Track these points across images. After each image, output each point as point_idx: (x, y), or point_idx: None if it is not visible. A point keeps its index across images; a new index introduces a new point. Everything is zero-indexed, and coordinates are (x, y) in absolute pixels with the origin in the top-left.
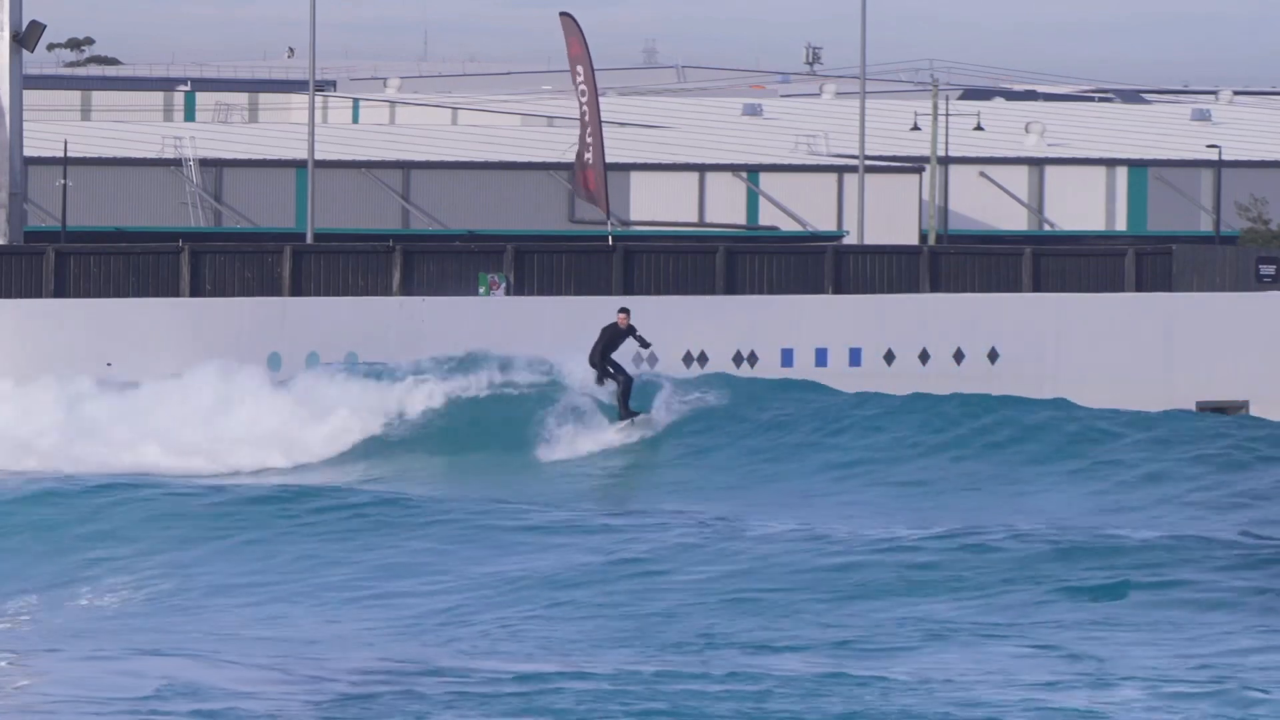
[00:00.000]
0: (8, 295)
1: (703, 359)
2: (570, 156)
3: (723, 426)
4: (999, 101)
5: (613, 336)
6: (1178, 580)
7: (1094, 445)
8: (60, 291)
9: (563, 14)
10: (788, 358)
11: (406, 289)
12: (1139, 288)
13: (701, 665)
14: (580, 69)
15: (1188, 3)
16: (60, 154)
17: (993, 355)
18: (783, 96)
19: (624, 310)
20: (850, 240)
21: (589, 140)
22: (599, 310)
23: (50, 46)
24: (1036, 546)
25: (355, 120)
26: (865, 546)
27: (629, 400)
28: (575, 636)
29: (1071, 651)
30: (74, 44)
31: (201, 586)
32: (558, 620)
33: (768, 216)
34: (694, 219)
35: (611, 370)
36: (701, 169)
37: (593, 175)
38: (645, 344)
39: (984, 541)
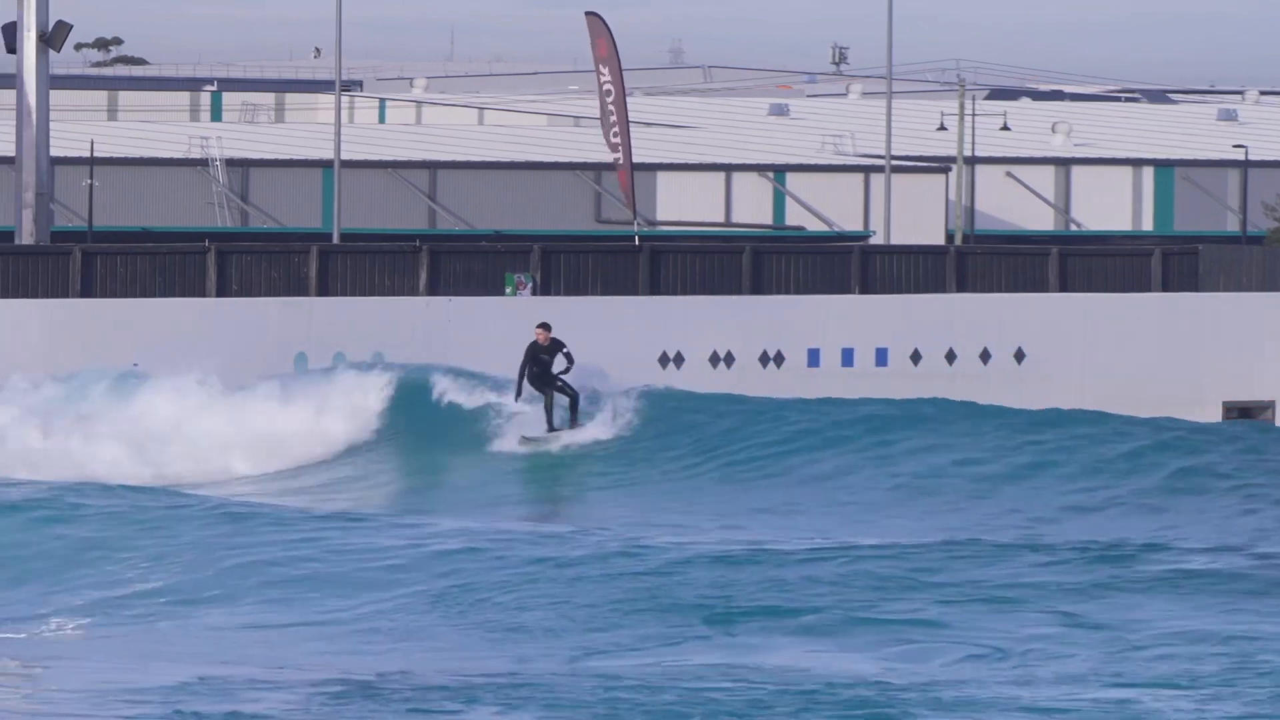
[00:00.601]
0: (35, 295)
1: (729, 359)
2: (597, 156)
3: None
4: (1025, 101)
5: (535, 354)
6: None
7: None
8: (87, 292)
9: (589, 14)
10: (814, 358)
11: (433, 289)
12: (1165, 288)
13: None
14: (607, 69)
15: (1214, 3)
16: (87, 154)
17: (1019, 355)
18: (809, 96)
19: (543, 325)
20: (876, 240)
21: (616, 140)
22: (625, 311)
23: (77, 46)
24: None
25: (382, 120)
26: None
27: (554, 414)
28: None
29: None
30: (101, 44)
31: None
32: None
33: (794, 216)
34: (720, 219)
35: (559, 385)
36: (728, 169)
37: (624, 175)
38: (568, 362)
39: None
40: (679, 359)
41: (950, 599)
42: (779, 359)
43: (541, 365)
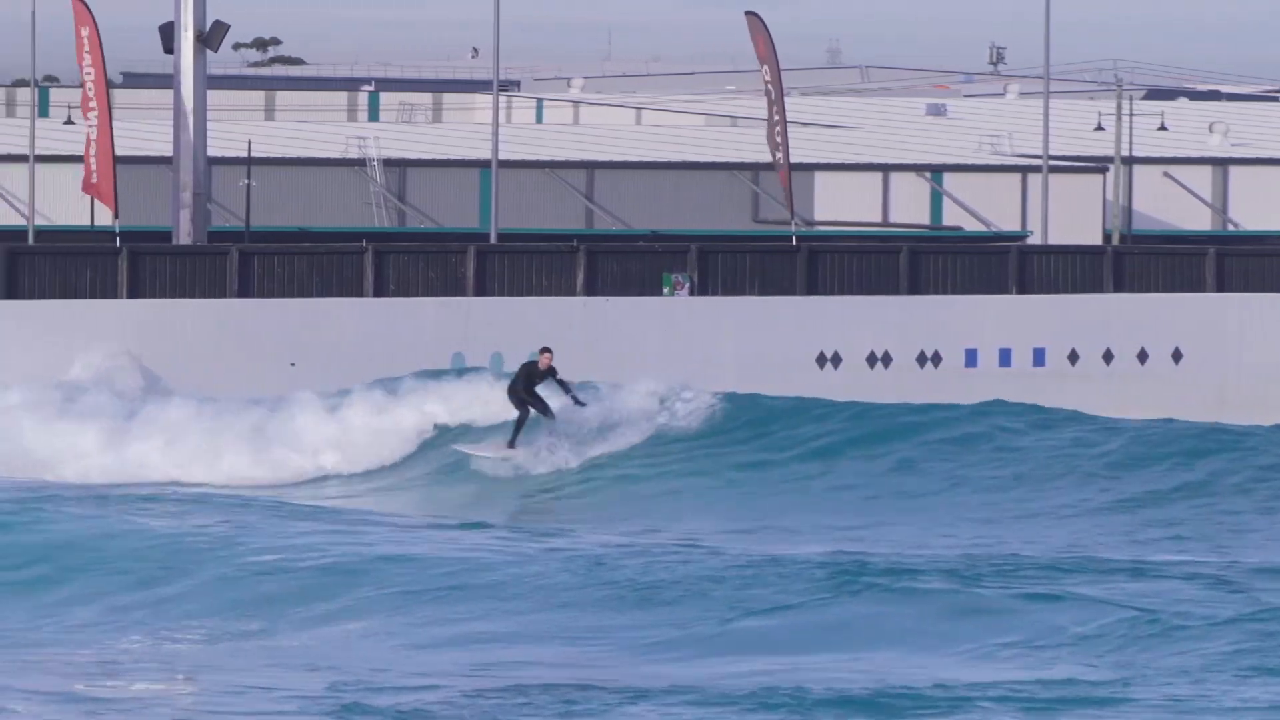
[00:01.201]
0: (193, 295)
1: (886, 359)
2: (754, 156)
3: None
4: (1182, 101)
5: (530, 374)
6: None
7: None
8: (244, 292)
9: (748, 13)
10: (971, 358)
11: (590, 289)
12: None
13: None
14: (766, 69)
15: None
16: (244, 154)
17: (1176, 355)
18: (966, 96)
19: (547, 350)
20: (1034, 240)
21: (777, 140)
22: (782, 311)
23: (235, 47)
24: None
25: (539, 120)
26: None
27: (520, 433)
28: None
29: None
30: (259, 44)
31: None
32: None
33: (951, 216)
34: (878, 219)
35: (535, 404)
36: (885, 169)
37: (783, 175)
38: (568, 389)
39: None
40: (836, 359)
41: None
42: (936, 359)
43: (531, 386)
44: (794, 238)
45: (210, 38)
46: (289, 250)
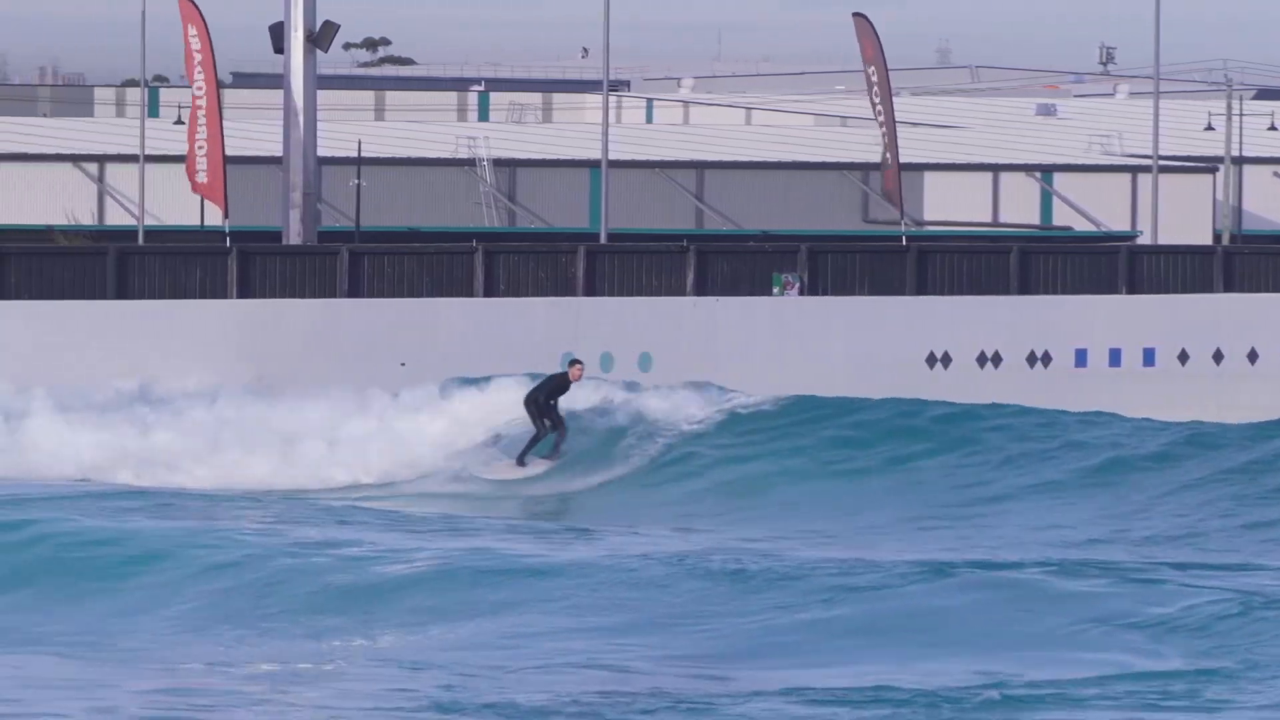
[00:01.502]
0: (302, 295)
1: (996, 359)
2: (864, 156)
3: None
4: None
5: (558, 387)
6: None
7: None
8: (354, 291)
9: (856, 15)
10: (1081, 358)
11: (700, 289)
12: None
13: None
14: (874, 69)
15: None
16: (354, 154)
17: None
18: (1076, 96)
19: (579, 363)
20: (1143, 240)
21: (886, 140)
22: (892, 311)
23: (345, 47)
24: None
25: (649, 120)
26: None
27: (533, 449)
28: None
29: None
30: (369, 44)
31: None
32: None
33: (1061, 216)
34: (987, 219)
35: (552, 417)
36: (995, 169)
37: (890, 175)
38: (561, 419)
39: None
40: (946, 359)
41: None
42: (1046, 359)
43: (554, 398)
44: (904, 238)
45: (320, 38)
46: (399, 250)
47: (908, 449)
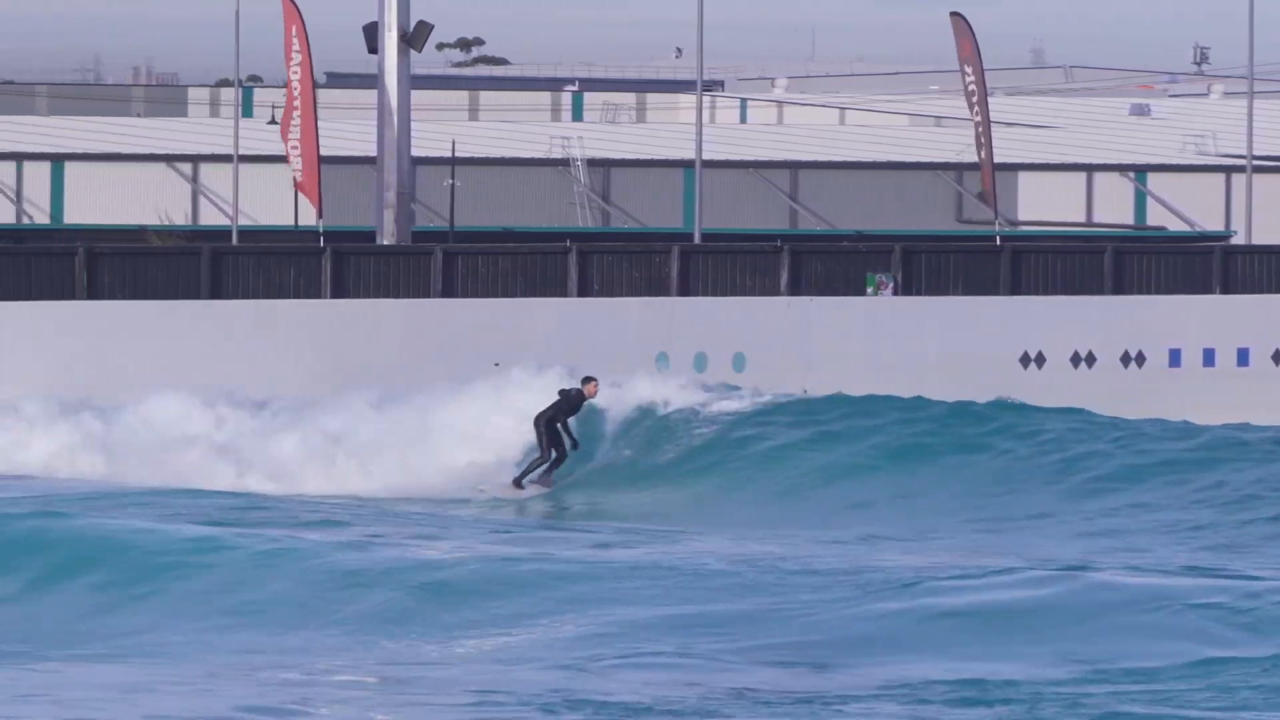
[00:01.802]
0: (396, 295)
1: (1090, 359)
2: (958, 156)
3: None
4: None
5: (572, 407)
6: None
7: None
8: (448, 291)
9: (953, 14)
10: (1175, 358)
11: (794, 289)
12: None
13: None
14: (970, 69)
15: None
16: (448, 154)
17: None
18: (1170, 96)
19: (594, 380)
20: (1238, 240)
21: (981, 140)
22: (986, 311)
23: (439, 47)
24: None
25: (743, 120)
26: None
27: (534, 472)
28: None
29: None
30: (463, 44)
31: None
32: None
33: (1155, 216)
34: (1081, 219)
35: (556, 440)
36: (1089, 169)
37: (985, 175)
38: (571, 432)
39: None
40: (1040, 359)
41: None
42: (1140, 359)
43: (567, 418)
44: (998, 238)
45: (414, 38)
46: (493, 250)
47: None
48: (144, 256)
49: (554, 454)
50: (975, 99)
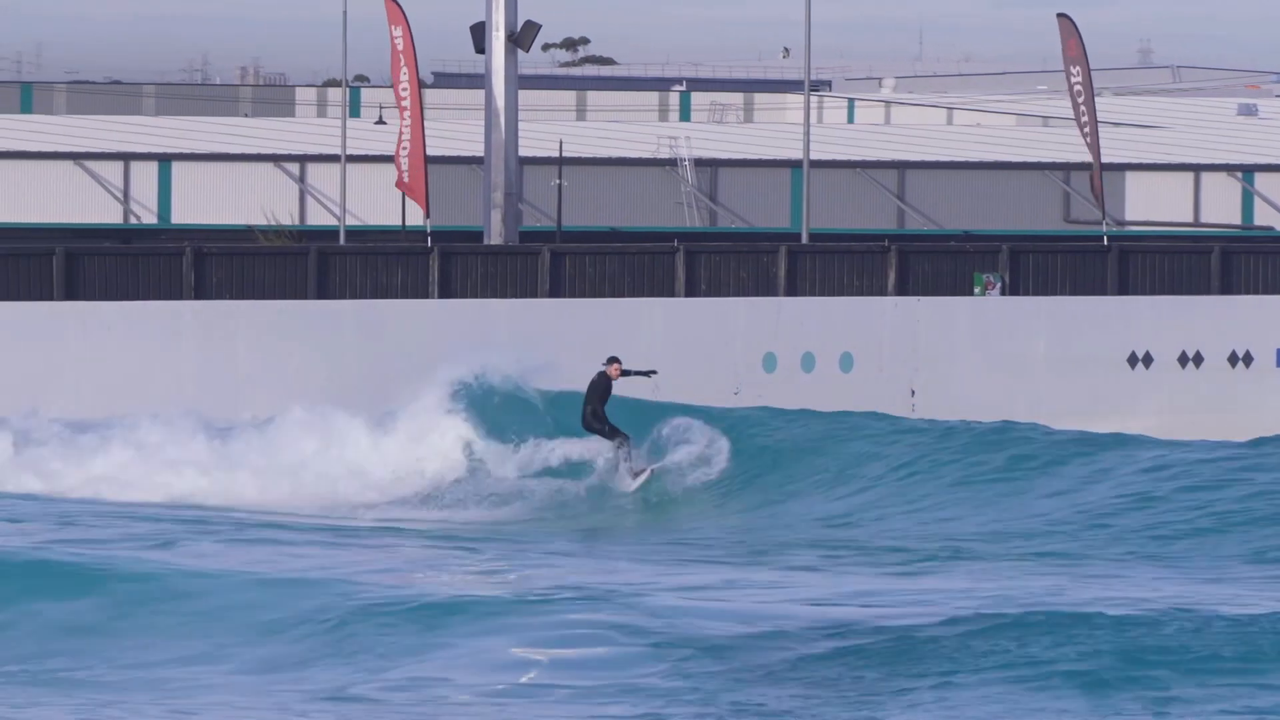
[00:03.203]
0: (503, 295)
1: (1198, 359)
2: (1065, 156)
3: None
4: None
5: (604, 390)
6: None
7: None
8: (555, 291)
9: (1060, 15)
10: None
11: (901, 289)
12: None
13: None
14: (1077, 69)
15: None
16: (555, 154)
17: None
18: (1278, 96)
19: (616, 360)
20: None
21: (1088, 140)
22: (1093, 311)
23: (545, 47)
24: None
25: (850, 120)
26: None
27: (625, 463)
28: None
29: None
30: (569, 44)
31: None
32: None
33: (1263, 216)
34: (1189, 219)
35: (608, 424)
36: (1196, 169)
37: (1093, 175)
38: (647, 373)
39: None
40: (1147, 359)
41: None
42: (1247, 359)
43: (602, 405)
44: (1105, 237)
45: (521, 38)
46: (600, 250)
47: None
48: (251, 256)
49: (619, 436)
50: (1082, 99)
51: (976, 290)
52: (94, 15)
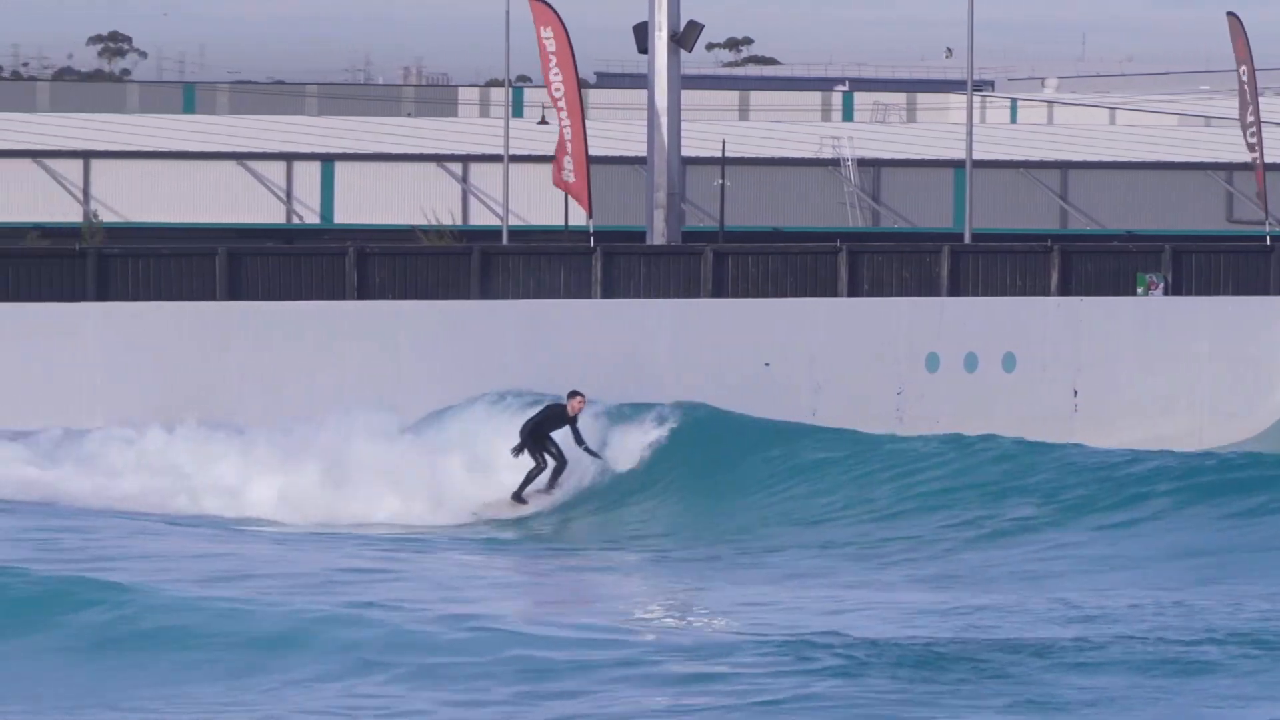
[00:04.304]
0: (666, 295)
1: None
2: (1228, 156)
3: None
4: None
5: (555, 419)
6: None
7: None
8: (718, 291)
9: (1230, 14)
10: None
11: (1064, 289)
12: None
13: None
14: (1245, 69)
15: None
16: (718, 154)
17: None
18: None
19: (580, 395)
20: None
21: (1253, 140)
22: (1256, 311)
23: (709, 47)
24: None
25: (1013, 120)
26: None
27: (532, 484)
28: None
29: None
30: (732, 44)
31: None
32: None
33: None
34: None
35: (550, 450)
36: None
37: (1259, 175)
38: (583, 440)
39: None
40: None
41: None
42: None
43: (551, 431)
44: (1268, 238)
45: (684, 38)
46: (763, 250)
47: None
48: (413, 256)
49: (550, 462)
50: (1247, 99)
51: (1139, 290)
52: (256, 16)
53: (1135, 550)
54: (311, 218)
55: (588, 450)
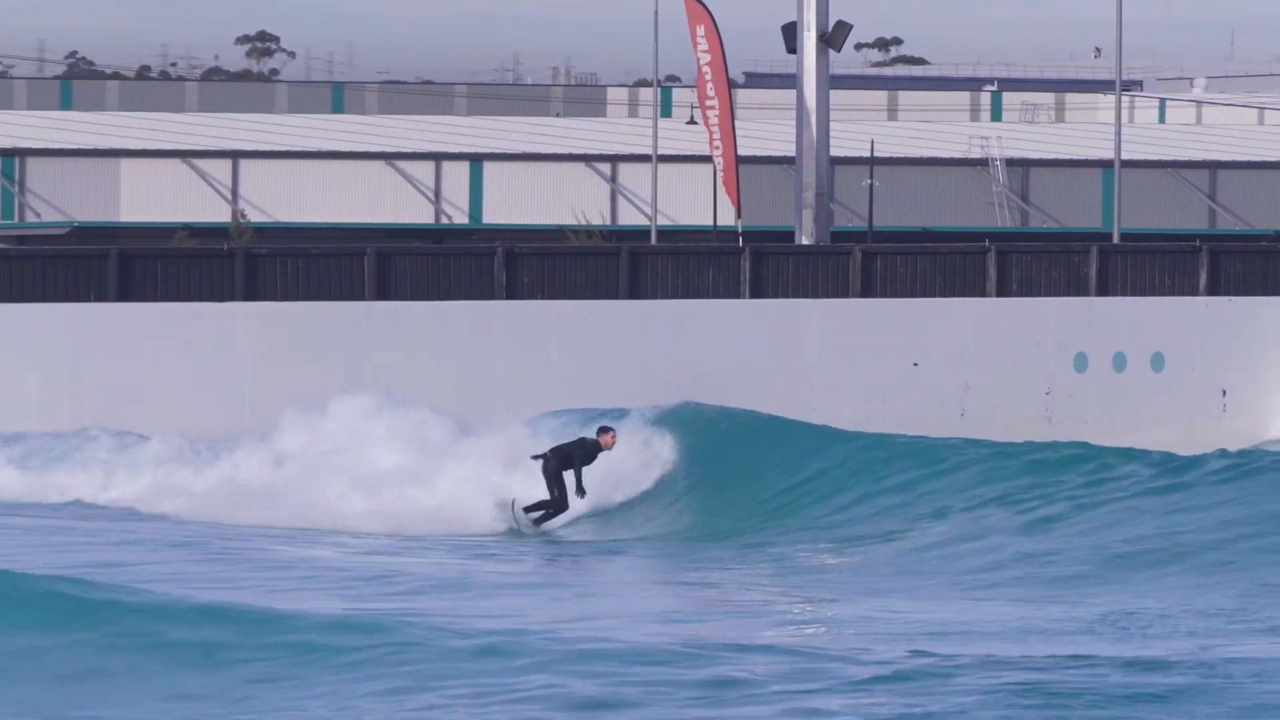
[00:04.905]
0: (815, 295)
1: None
2: None
3: None
4: None
5: (587, 454)
6: None
7: None
8: (866, 291)
9: None
10: None
11: (1213, 289)
12: None
13: None
14: None
15: None
16: (867, 154)
17: None
18: None
19: (610, 431)
20: None
21: None
22: None
23: (857, 47)
24: None
25: (1161, 120)
26: None
27: (545, 516)
28: None
29: None
30: (881, 44)
31: None
32: None
33: None
34: None
35: (561, 483)
36: None
37: None
38: (581, 487)
39: None
40: None
41: None
42: None
43: (582, 466)
44: None
45: (833, 38)
46: (911, 250)
47: None
48: (562, 256)
49: (560, 499)
50: None
51: None
52: (405, 15)
53: None
54: (460, 218)
55: (580, 490)
